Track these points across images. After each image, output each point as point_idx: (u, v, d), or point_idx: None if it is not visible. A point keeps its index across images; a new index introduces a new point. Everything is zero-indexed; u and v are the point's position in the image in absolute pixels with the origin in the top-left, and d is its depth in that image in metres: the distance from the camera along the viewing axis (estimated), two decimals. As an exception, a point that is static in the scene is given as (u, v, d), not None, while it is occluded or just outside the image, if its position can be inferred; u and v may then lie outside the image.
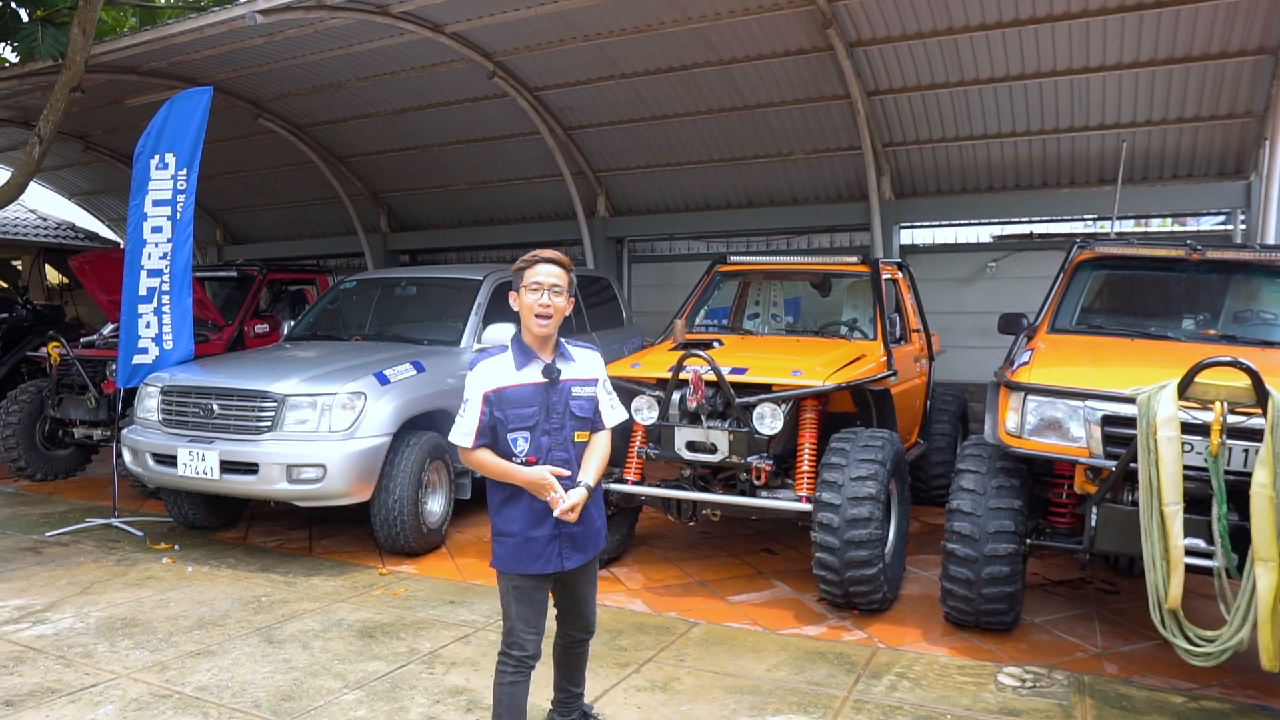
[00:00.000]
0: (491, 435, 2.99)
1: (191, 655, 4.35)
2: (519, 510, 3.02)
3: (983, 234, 10.73)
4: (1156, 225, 10.85)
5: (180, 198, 7.01)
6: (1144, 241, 6.02)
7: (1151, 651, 4.60)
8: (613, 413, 3.23)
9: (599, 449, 3.16)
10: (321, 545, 6.43)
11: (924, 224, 10.35)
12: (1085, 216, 10.35)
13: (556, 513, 2.94)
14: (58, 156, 13.71)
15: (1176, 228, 11.94)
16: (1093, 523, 4.22)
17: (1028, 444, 4.37)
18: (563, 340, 3.13)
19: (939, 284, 9.75)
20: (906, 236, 10.34)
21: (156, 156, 7.00)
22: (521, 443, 2.98)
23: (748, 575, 5.80)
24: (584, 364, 3.15)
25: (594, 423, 3.15)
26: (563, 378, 3.04)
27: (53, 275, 16.33)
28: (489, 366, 3.01)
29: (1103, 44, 7.91)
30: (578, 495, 2.99)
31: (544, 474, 2.95)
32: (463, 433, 2.98)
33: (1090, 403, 4.20)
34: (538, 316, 2.97)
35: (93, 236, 16.06)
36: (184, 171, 7.02)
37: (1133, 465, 3.99)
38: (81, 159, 13.60)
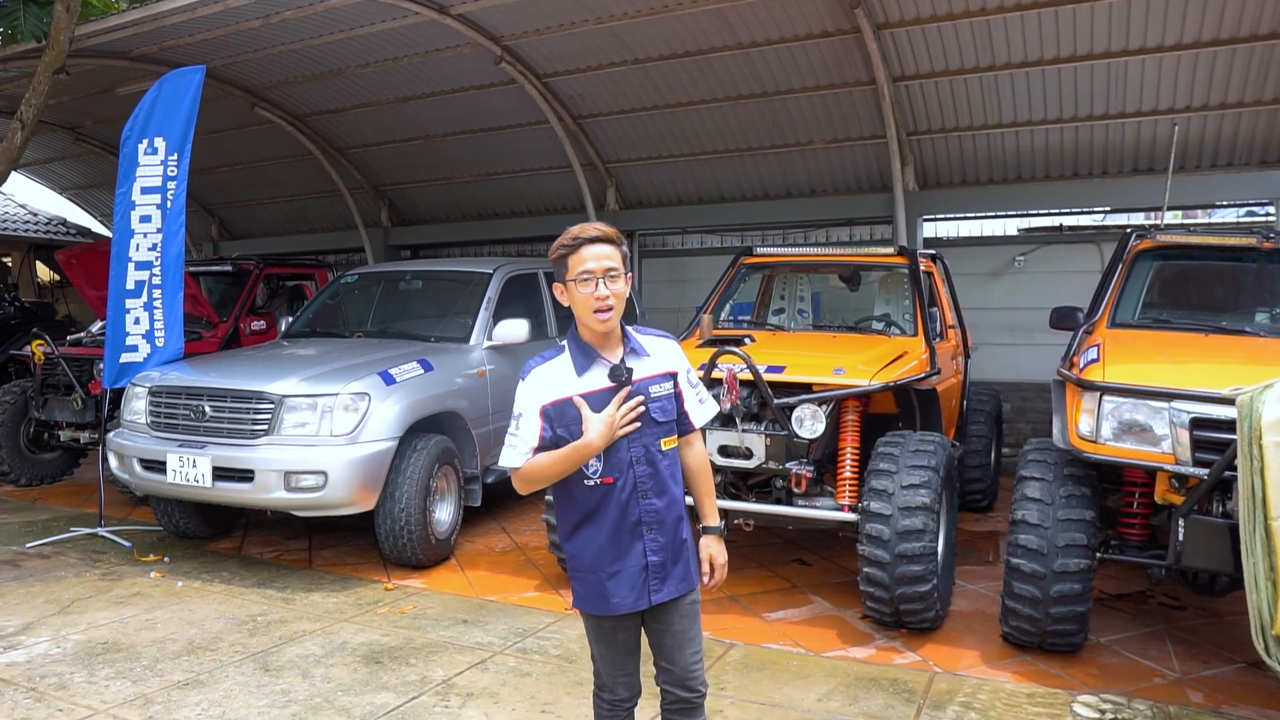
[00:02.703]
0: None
1: (179, 686, 3.93)
2: (600, 534, 2.49)
3: (1009, 227, 10.34)
4: (1170, 218, 10.45)
5: (171, 185, 6.59)
6: (1206, 230, 5.62)
7: (1236, 677, 4.19)
8: (702, 408, 2.66)
9: (703, 473, 2.70)
10: (322, 556, 6.01)
11: (949, 216, 9.95)
12: (1099, 208, 10.00)
13: (621, 412, 2.41)
14: (48, 149, 13.29)
15: (1187, 221, 11.55)
16: (1179, 536, 3.80)
17: (1104, 449, 3.96)
18: (630, 330, 2.57)
19: (963, 279, 9.29)
20: (929, 229, 9.95)
21: (145, 141, 6.58)
22: (594, 462, 2.45)
23: (782, 589, 5.38)
24: (659, 356, 2.59)
25: (681, 424, 2.61)
26: (635, 377, 2.48)
27: (44, 272, 15.91)
28: (545, 374, 2.50)
29: (1144, 25, 7.50)
30: (720, 553, 2.67)
31: (592, 416, 2.39)
32: (519, 454, 2.46)
33: (1177, 403, 3.79)
34: (597, 311, 2.43)
35: (84, 232, 15.62)
36: (174, 157, 6.60)
37: (1229, 473, 3.60)
38: (72, 152, 13.16)
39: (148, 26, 8.02)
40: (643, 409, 2.46)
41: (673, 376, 2.60)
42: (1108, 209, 10.22)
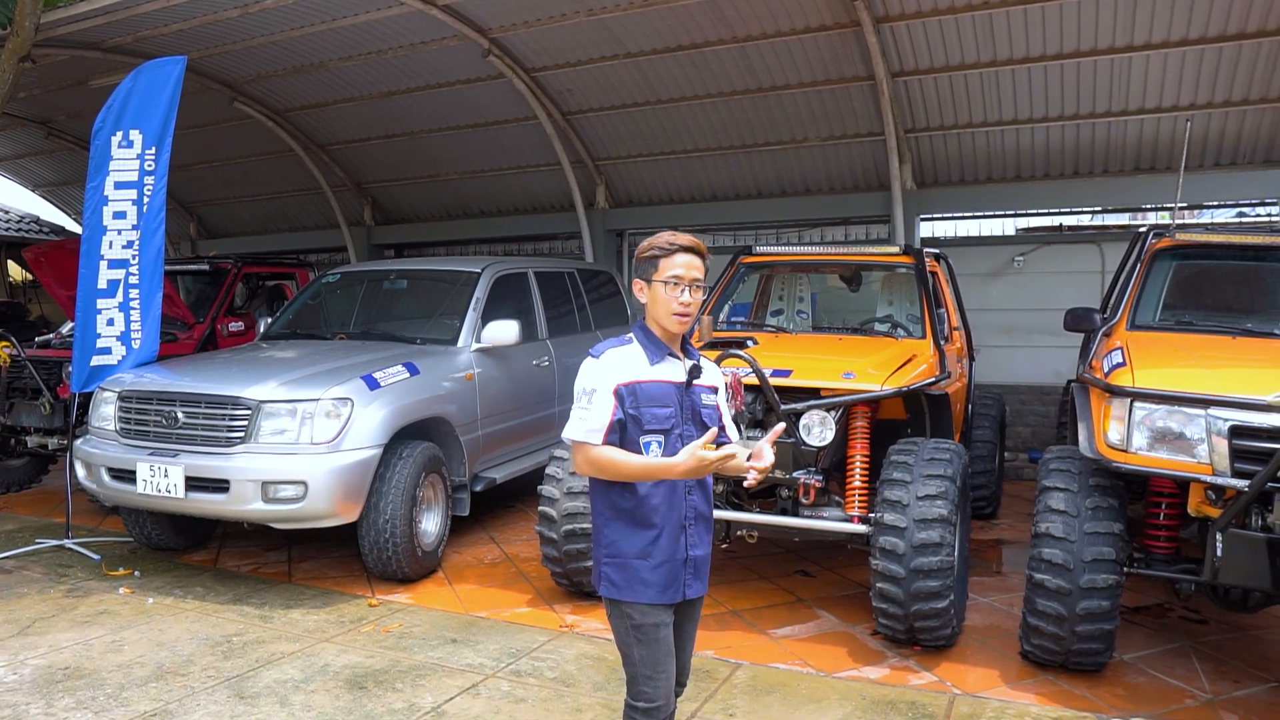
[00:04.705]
0: (619, 436, 2.53)
1: (145, 717, 3.63)
2: (647, 524, 2.54)
3: (1008, 226, 10.18)
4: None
5: (149, 180, 6.31)
6: (1226, 228, 5.42)
7: (1270, 697, 3.98)
8: (732, 428, 2.80)
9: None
10: (302, 569, 5.71)
11: (947, 216, 9.77)
12: (1099, 208, 9.85)
13: (753, 464, 2.48)
14: (19, 144, 12.93)
15: (1188, 221, 11.40)
16: (1217, 551, 3.58)
17: (1136, 459, 3.73)
18: (688, 340, 2.69)
19: (961, 279, 9.11)
20: (926, 229, 9.76)
21: (119, 133, 6.27)
22: (655, 448, 2.52)
23: (787, 603, 5.14)
24: (709, 372, 2.69)
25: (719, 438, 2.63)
26: (695, 382, 2.62)
27: (16, 271, 15.48)
28: (619, 356, 2.57)
29: (1149, 20, 7.33)
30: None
31: (698, 451, 2.39)
32: (590, 428, 2.50)
33: (1214, 410, 3.57)
34: (677, 315, 2.53)
35: (58, 230, 15.19)
36: (152, 151, 6.31)
37: (1271, 485, 3.38)
38: (44, 147, 12.78)
39: (121, 14, 7.72)
40: (732, 458, 2.46)
41: (715, 391, 2.71)
42: (1106, 208, 10.07)
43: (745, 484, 2.54)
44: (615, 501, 2.56)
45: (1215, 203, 9.28)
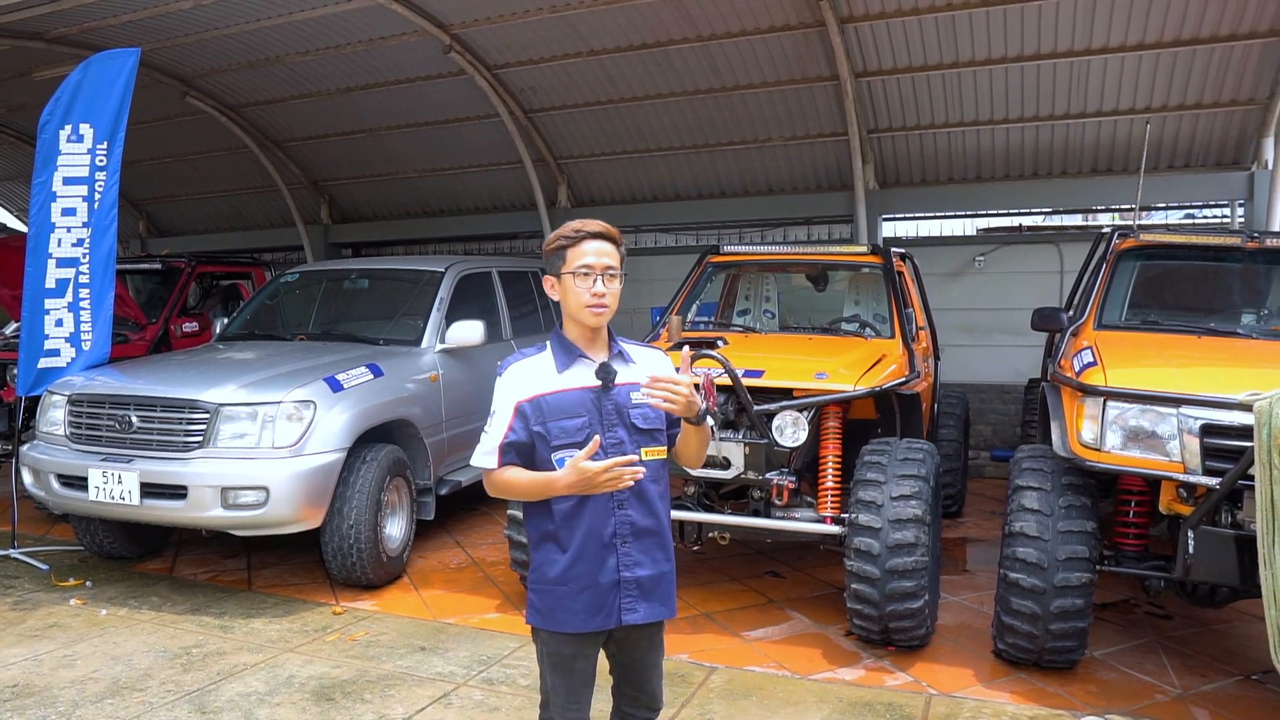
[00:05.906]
0: (527, 456, 2.33)
1: (102, 734, 3.50)
2: (571, 545, 2.31)
3: (968, 227, 10.28)
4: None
5: (100, 176, 6.12)
6: (1183, 229, 5.51)
7: (1237, 691, 4.03)
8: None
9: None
10: (262, 577, 5.56)
11: (909, 216, 9.85)
12: (1058, 209, 10.01)
13: (605, 467, 2.17)
14: (-43, 138, 12.48)
15: (1148, 222, 11.60)
16: (1189, 549, 3.62)
17: (1110, 458, 3.76)
18: (618, 336, 2.44)
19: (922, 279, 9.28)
20: (887, 229, 9.82)
21: (68, 127, 6.06)
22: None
23: (758, 605, 5.11)
24: (645, 364, 2.41)
25: (665, 435, 2.41)
26: (617, 381, 2.33)
27: (-45, 271, 14.94)
28: (523, 369, 2.36)
29: (1108, 23, 7.43)
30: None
31: (580, 464, 2.18)
32: (484, 451, 2.35)
33: (1186, 409, 3.60)
34: (591, 308, 2.29)
35: (1, 228, 14.71)
36: (104, 146, 6.12)
37: (1241, 483, 3.42)
38: (-15, 141, 12.37)
39: (66, 3, 7.45)
40: (641, 474, 2.26)
41: None
42: (1063, 209, 10.22)
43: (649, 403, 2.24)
44: (539, 524, 2.36)
45: (1166, 204, 9.48)
